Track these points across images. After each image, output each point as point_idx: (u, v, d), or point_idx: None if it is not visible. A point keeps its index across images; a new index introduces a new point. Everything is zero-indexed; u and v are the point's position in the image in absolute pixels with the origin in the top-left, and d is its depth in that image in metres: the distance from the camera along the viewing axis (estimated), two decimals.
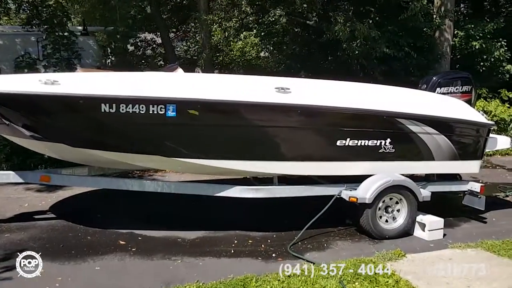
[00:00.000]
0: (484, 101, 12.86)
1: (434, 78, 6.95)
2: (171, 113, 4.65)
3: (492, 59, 13.46)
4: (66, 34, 11.46)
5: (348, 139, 5.38)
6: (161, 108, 4.61)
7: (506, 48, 13.72)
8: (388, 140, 5.56)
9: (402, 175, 5.70)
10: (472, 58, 13.77)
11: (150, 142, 4.85)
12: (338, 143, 5.35)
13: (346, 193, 5.49)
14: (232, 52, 17.84)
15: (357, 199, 5.37)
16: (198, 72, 6.43)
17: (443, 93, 6.84)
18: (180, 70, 5.86)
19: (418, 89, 6.89)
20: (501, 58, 13.70)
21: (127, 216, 6.21)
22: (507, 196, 7.92)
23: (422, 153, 5.76)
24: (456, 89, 6.95)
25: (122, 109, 4.53)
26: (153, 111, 4.60)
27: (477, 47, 13.08)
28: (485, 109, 12.40)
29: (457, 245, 5.36)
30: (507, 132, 12.98)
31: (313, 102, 5.17)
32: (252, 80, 5.50)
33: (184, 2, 14.42)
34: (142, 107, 4.57)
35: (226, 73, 15.00)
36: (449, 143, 5.85)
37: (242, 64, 17.59)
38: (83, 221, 5.80)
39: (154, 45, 15.85)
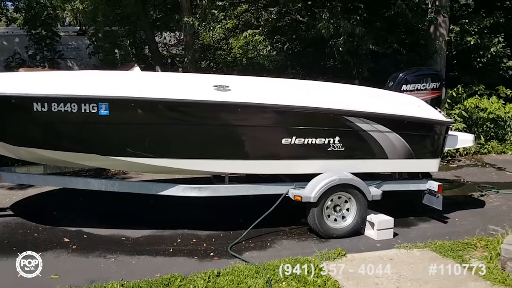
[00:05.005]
0: (479, 98, 12.49)
1: (401, 74, 6.79)
2: (103, 112, 4.68)
3: (489, 55, 13.07)
4: (49, 34, 11.61)
5: (294, 138, 5.31)
6: (93, 106, 4.64)
7: (504, 44, 13.28)
8: (337, 138, 5.47)
9: (355, 174, 5.62)
10: (468, 54, 13.42)
11: (85, 141, 4.88)
12: (284, 141, 5.30)
13: (292, 192, 5.43)
14: (233, 51, 17.69)
15: (301, 197, 5.31)
16: (158, 71, 6.43)
17: (410, 90, 6.68)
18: (136, 69, 5.91)
19: (386, 86, 6.78)
20: (499, 54, 13.27)
21: (83, 214, 6.25)
22: (482, 196, 7.69)
23: (374, 151, 5.66)
24: (424, 86, 6.78)
25: (54, 108, 4.58)
26: (85, 109, 4.63)
27: (472, 42, 12.74)
28: (478, 106, 12.09)
29: (404, 245, 5.24)
30: (505, 130, 12.65)
31: (254, 100, 5.12)
32: (192, 78, 5.48)
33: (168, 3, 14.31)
34: (74, 106, 4.61)
35: (222, 73, 14.94)
36: (403, 141, 5.72)
37: (245, 63, 17.37)
38: (38, 219, 5.86)
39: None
